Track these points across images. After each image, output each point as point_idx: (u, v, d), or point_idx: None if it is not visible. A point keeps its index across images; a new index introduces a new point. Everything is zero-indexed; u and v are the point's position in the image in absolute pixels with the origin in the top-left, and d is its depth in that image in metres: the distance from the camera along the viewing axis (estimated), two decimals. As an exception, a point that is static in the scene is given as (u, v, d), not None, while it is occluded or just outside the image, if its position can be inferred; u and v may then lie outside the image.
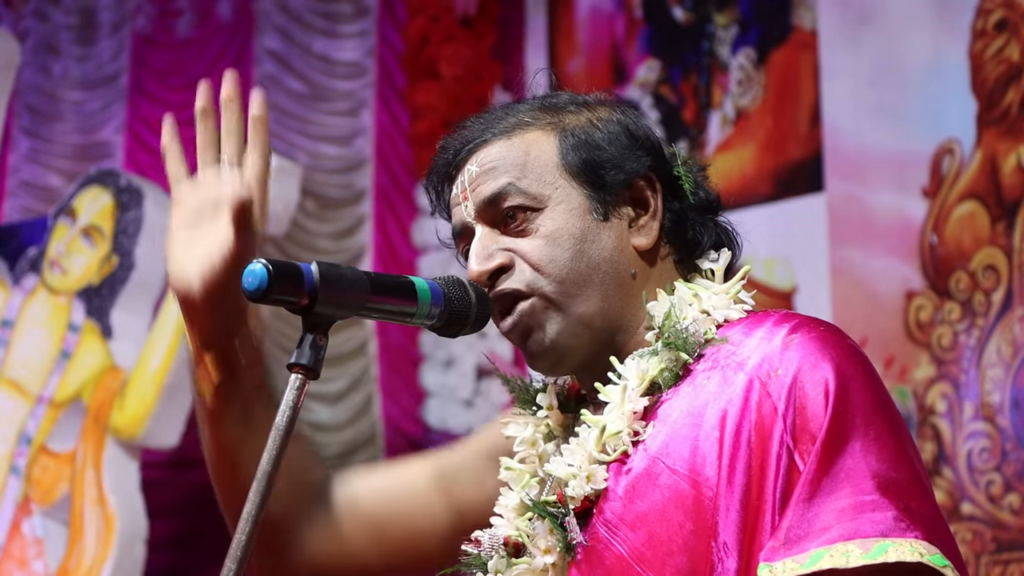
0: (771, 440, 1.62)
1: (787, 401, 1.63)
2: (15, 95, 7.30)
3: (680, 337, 1.72)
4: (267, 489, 1.53)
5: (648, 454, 1.69)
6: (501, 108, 1.87)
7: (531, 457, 1.84)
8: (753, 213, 5.41)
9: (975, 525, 4.80)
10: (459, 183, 1.82)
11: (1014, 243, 4.83)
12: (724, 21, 5.78)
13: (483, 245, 1.78)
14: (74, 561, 6.01)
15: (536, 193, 1.77)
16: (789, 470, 1.61)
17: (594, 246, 1.76)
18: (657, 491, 1.66)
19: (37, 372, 6.45)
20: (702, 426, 1.66)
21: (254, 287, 1.57)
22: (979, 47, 4.99)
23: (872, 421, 1.62)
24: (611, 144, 1.80)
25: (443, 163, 1.86)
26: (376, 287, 1.66)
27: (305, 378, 1.57)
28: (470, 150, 1.82)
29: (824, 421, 1.61)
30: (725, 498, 1.62)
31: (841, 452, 1.60)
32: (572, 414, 1.86)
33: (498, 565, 1.78)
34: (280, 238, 6.48)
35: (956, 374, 4.91)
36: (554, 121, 1.81)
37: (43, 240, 6.69)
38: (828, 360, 1.64)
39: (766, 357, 1.67)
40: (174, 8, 7.35)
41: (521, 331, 1.77)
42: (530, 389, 1.89)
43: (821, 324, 1.71)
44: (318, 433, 6.81)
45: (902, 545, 1.55)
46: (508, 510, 1.81)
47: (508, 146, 1.80)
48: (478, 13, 6.52)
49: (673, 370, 1.72)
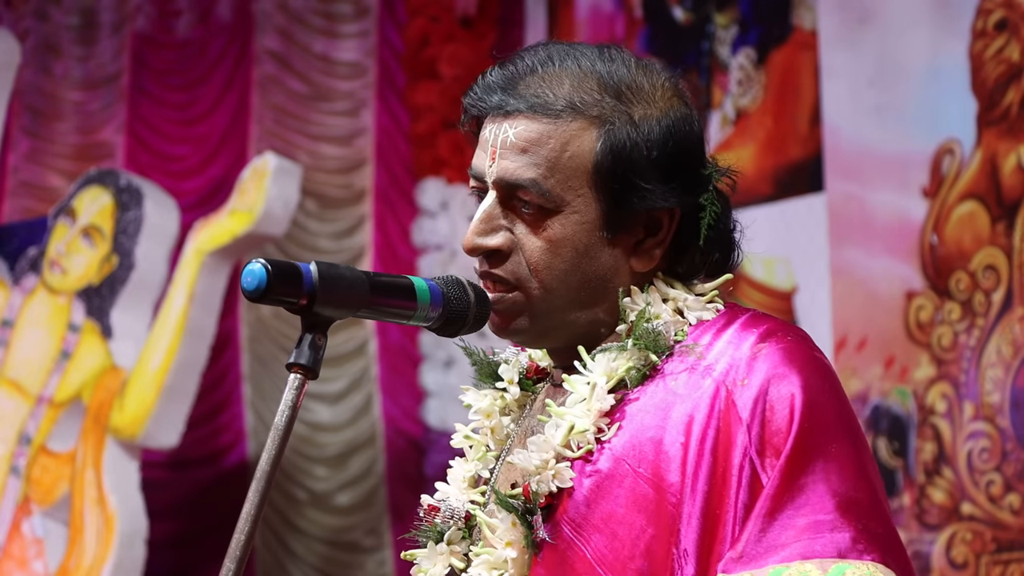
0: (734, 450, 1.63)
1: (752, 412, 1.63)
2: (15, 95, 7.30)
3: (651, 337, 1.72)
4: (267, 489, 1.53)
5: (613, 454, 1.69)
6: (562, 61, 1.76)
7: (484, 428, 1.85)
8: (753, 213, 5.40)
9: (975, 525, 4.80)
10: (492, 133, 1.76)
11: (1014, 243, 4.83)
12: (724, 21, 5.78)
13: (488, 215, 1.75)
14: (74, 561, 6.01)
15: (556, 196, 1.72)
16: (752, 483, 1.61)
17: (592, 263, 1.75)
18: (621, 493, 1.67)
19: (37, 372, 6.45)
20: (667, 429, 1.67)
21: (253, 287, 1.57)
22: (979, 47, 4.99)
23: (836, 439, 1.63)
24: (650, 165, 1.73)
25: (489, 90, 1.76)
26: (375, 287, 1.66)
27: (304, 378, 1.57)
28: (515, 109, 1.74)
29: (789, 437, 1.61)
30: (688, 505, 1.63)
31: (804, 470, 1.61)
32: (530, 392, 1.87)
33: (453, 537, 1.80)
34: (280, 238, 6.48)
35: (956, 374, 4.91)
36: (604, 113, 1.73)
37: (43, 240, 6.69)
38: (796, 374, 1.64)
39: (733, 364, 1.67)
40: (174, 8, 7.35)
41: (501, 312, 1.77)
42: (492, 363, 1.90)
43: (789, 332, 1.71)
44: (318, 433, 6.81)
45: (860, 568, 1.57)
46: (459, 480, 1.83)
47: (550, 131, 1.72)
48: (478, 13, 6.52)
49: (641, 370, 1.72)
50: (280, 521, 6.80)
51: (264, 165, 6.25)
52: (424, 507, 1.83)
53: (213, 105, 7.17)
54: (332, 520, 6.82)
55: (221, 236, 6.17)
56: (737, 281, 1.89)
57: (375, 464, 6.72)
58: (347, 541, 6.80)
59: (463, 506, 1.81)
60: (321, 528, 6.81)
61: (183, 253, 6.27)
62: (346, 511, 6.79)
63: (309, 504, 6.81)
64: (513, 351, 1.91)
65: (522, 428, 1.84)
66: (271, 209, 6.15)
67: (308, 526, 6.80)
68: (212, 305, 6.22)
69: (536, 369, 1.88)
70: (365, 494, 6.73)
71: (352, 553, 6.79)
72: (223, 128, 7.12)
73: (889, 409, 5.06)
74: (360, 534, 6.77)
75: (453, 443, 1.87)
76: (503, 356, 1.90)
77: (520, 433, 1.84)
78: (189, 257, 6.21)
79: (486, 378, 1.90)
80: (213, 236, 6.19)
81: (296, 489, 6.81)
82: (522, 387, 1.87)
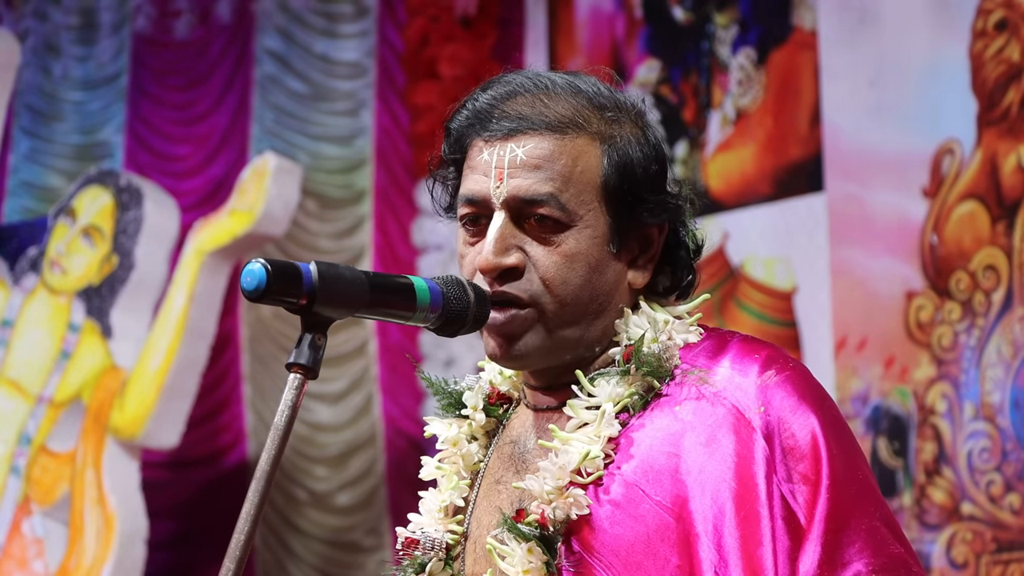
0: (759, 477, 1.65)
1: (774, 440, 1.67)
2: (15, 95, 7.31)
3: (654, 363, 1.73)
4: (267, 489, 1.53)
5: (624, 480, 1.69)
6: (551, 83, 1.79)
7: (453, 457, 1.85)
8: (753, 213, 5.40)
9: (975, 525, 4.80)
10: (495, 155, 1.76)
11: (1014, 243, 4.83)
12: (724, 21, 5.78)
13: (503, 235, 1.75)
14: (74, 561, 6.01)
15: (572, 210, 1.74)
16: (786, 510, 1.65)
17: (601, 278, 1.76)
18: (640, 521, 1.67)
19: (37, 372, 6.45)
20: (682, 457, 1.68)
21: (253, 287, 1.57)
22: (979, 47, 4.99)
23: (859, 464, 1.70)
24: (649, 180, 1.78)
25: (481, 116, 1.78)
26: (375, 287, 1.66)
27: (304, 378, 1.57)
28: (517, 129, 1.76)
29: (823, 467, 1.66)
30: (715, 533, 1.65)
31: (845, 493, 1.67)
32: (495, 418, 1.87)
33: (434, 568, 1.80)
34: (280, 238, 6.48)
35: (956, 374, 4.91)
36: (602, 130, 1.77)
37: (43, 240, 6.69)
38: (808, 406, 1.69)
39: (744, 391, 1.70)
40: (174, 8, 7.35)
41: (505, 333, 1.76)
42: (453, 393, 1.90)
43: (789, 360, 1.74)
44: (318, 433, 6.81)
45: None
46: (433, 511, 1.83)
47: (560, 147, 1.75)
48: (478, 13, 6.52)
49: (644, 396, 1.73)
50: (280, 521, 6.80)
51: (264, 165, 6.26)
52: (402, 540, 1.83)
53: (213, 105, 7.17)
54: (332, 520, 6.82)
55: (221, 236, 6.17)
56: (737, 281, 1.90)
57: (375, 464, 6.72)
58: (347, 541, 6.80)
59: (443, 536, 1.81)
60: (321, 528, 6.81)
61: (183, 253, 6.27)
62: (346, 511, 6.79)
63: (309, 504, 6.81)
64: (473, 378, 1.92)
65: (502, 454, 1.84)
66: (271, 209, 6.16)
67: (308, 526, 6.80)
68: (212, 305, 6.22)
69: (498, 395, 1.89)
70: (365, 494, 6.73)
71: (352, 553, 6.79)
72: (223, 128, 7.12)
73: (889, 409, 5.06)
74: (360, 534, 6.77)
75: (423, 475, 1.87)
76: (464, 384, 1.91)
77: (501, 459, 1.83)
78: (189, 257, 6.21)
79: (449, 407, 1.91)
80: (213, 236, 6.19)
81: (296, 489, 6.81)
82: (487, 413, 1.88)
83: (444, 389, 1.91)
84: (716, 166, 5.65)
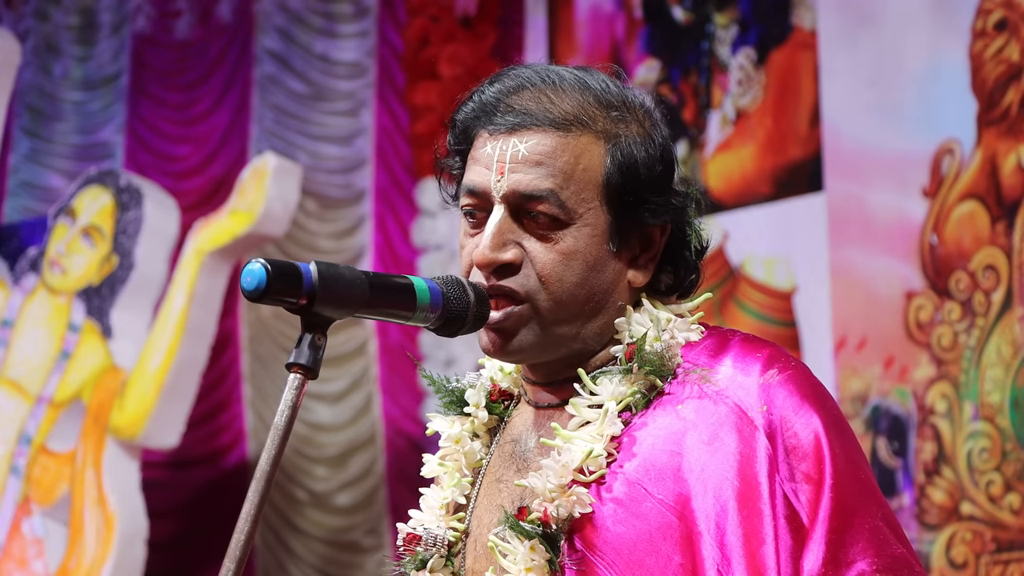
0: (762, 476, 1.66)
1: (777, 439, 1.67)
2: (15, 95, 7.31)
3: (656, 362, 1.74)
4: (267, 489, 1.53)
5: (627, 478, 1.70)
6: (559, 78, 1.79)
7: (455, 454, 1.86)
8: (753, 213, 5.40)
9: (975, 525, 4.80)
10: (498, 149, 1.77)
11: (1014, 243, 4.83)
12: (724, 21, 5.78)
13: (500, 231, 1.75)
14: (74, 561, 6.01)
15: (572, 208, 1.75)
16: (789, 509, 1.66)
17: (599, 276, 1.76)
18: (642, 520, 1.68)
19: (37, 372, 6.45)
20: (684, 455, 1.68)
21: (253, 287, 1.57)
22: (979, 47, 4.99)
23: (861, 464, 1.71)
24: (653, 180, 1.78)
25: (487, 109, 1.79)
26: (375, 287, 1.66)
27: (304, 377, 1.57)
28: (521, 124, 1.76)
29: (826, 467, 1.66)
30: (718, 532, 1.66)
31: (849, 491, 1.67)
32: (497, 415, 1.88)
33: (435, 565, 1.81)
34: (280, 238, 6.48)
35: (956, 374, 4.91)
36: (607, 128, 1.77)
37: (43, 240, 6.69)
38: (811, 406, 1.70)
39: (746, 390, 1.70)
40: (174, 8, 7.35)
41: (500, 329, 1.77)
42: (454, 391, 1.91)
43: (790, 359, 1.74)
44: (318, 433, 6.81)
45: None
46: (435, 508, 1.83)
47: (563, 144, 1.75)
48: (478, 13, 6.52)
49: (647, 395, 1.74)
50: (280, 521, 6.80)
51: (264, 165, 6.26)
52: (403, 536, 1.83)
53: (213, 105, 7.18)
54: (332, 520, 6.82)
55: (221, 236, 6.17)
56: (737, 281, 1.90)
57: (375, 464, 6.72)
58: (347, 541, 6.80)
59: (444, 532, 1.82)
60: (321, 528, 6.81)
61: (183, 253, 6.27)
62: (346, 511, 6.79)
63: (309, 504, 6.81)
64: (475, 375, 1.92)
65: (503, 452, 1.84)
66: (271, 209, 6.15)
67: (308, 526, 6.80)
68: (212, 305, 6.22)
69: (500, 391, 1.89)
70: (365, 494, 6.73)
71: (352, 553, 6.79)
72: (223, 128, 7.12)
73: (889, 409, 5.06)
74: (360, 534, 6.77)
75: (425, 472, 1.87)
76: (466, 381, 1.91)
77: (503, 457, 1.84)
78: (189, 257, 6.21)
79: (451, 405, 1.91)
80: (213, 236, 6.19)
81: (296, 489, 6.81)
82: (489, 410, 1.88)
83: (445, 387, 1.91)
84: (716, 166, 5.65)
